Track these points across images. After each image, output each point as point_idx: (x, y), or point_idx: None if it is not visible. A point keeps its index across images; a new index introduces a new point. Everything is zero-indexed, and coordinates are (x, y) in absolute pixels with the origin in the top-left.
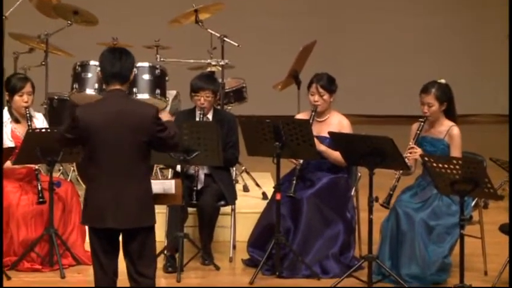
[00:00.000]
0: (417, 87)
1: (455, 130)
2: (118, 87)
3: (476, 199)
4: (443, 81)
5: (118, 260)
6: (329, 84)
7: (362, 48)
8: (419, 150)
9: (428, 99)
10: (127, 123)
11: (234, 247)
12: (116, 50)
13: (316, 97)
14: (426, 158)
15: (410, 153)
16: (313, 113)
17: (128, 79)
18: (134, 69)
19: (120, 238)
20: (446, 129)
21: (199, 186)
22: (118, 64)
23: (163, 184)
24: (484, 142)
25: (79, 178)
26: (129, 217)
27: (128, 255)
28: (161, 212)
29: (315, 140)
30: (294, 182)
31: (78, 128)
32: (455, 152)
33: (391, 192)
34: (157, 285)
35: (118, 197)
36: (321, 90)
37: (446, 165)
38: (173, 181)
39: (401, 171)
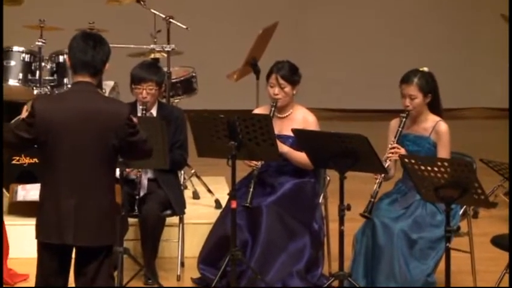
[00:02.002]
0: (395, 77)
1: (443, 126)
2: (87, 79)
3: (464, 207)
4: (425, 69)
5: (68, 279)
6: (290, 74)
7: (331, 31)
8: (402, 150)
9: (410, 90)
10: (94, 124)
11: (182, 264)
12: (90, 36)
13: (277, 89)
14: (406, 160)
15: (392, 153)
16: (273, 108)
17: (100, 72)
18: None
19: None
20: (432, 125)
21: (142, 193)
22: (90, 53)
23: None
24: (474, 140)
25: None
26: (91, 233)
27: (82, 275)
28: None
29: (276, 140)
30: (252, 189)
31: (34, 125)
32: (443, 151)
33: (372, 200)
34: None
35: (79, 210)
36: (281, 81)
37: (429, 168)
38: None
39: (382, 176)
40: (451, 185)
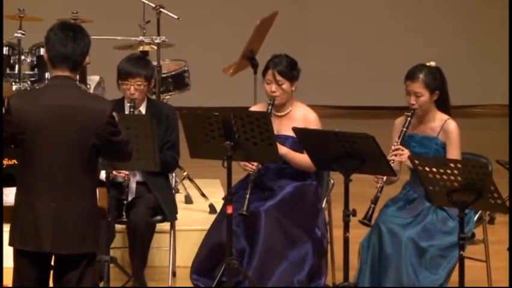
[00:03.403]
0: (402, 72)
1: (452, 125)
2: (66, 73)
3: (479, 212)
4: (433, 64)
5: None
6: (288, 69)
7: (333, 22)
8: (406, 152)
9: (416, 87)
10: (74, 122)
11: (174, 274)
12: (69, 26)
13: (274, 87)
14: (416, 161)
15: (396, 155)
16: (270, 106)
17: (80, 65)
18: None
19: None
20: (440, 124)
21: (130, 198)
22: (70, 45)
23: None
24: (489, 140)
25: None
26: (70, 240)
27: (62, 284)
28: None
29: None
30: (248, 196)
31: (10, 122)
32: (453, 152)
33: (373, 206)
34: None
35: (58, 214)
36: (279, 77)
37: (441, 170)
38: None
39: (384, 179)
40: (465, 189)
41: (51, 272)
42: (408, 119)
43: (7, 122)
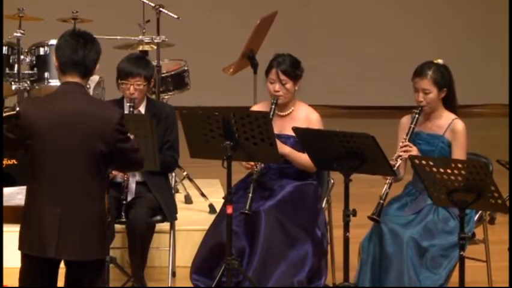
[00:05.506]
0: (405, 72)
1: (459, 124)
2: (76, 80)
3: (480, 212)
4: (440, 61)
5: None
6: (292, 68)
7: (335, 20)
8: (414, 149)
9: (424, 84)
10: (80, 128)
11: (174, 274)
12: (80, 34)
13: (277, 86)
14: (416, 161)
15: (405, 151)
16: (273, 106)
17: (91, 72)
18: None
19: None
20: (448, 122)
21: (129, 198)
22: (81, 51)
23: None
24: (490, 140)
25: None
26: (76, 246)
27: None
28: None
29: (277, 141)
30: (251, 195)
31: (20, 127)
32: (459, 152)
33: (381, 202)
34: None
35: (64, 220)
36: (282, 77)
37: (441, 170)
38: None
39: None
40: (466, 189)
41: (64, 277)
42: (416, 116)
43: (17, 126)
